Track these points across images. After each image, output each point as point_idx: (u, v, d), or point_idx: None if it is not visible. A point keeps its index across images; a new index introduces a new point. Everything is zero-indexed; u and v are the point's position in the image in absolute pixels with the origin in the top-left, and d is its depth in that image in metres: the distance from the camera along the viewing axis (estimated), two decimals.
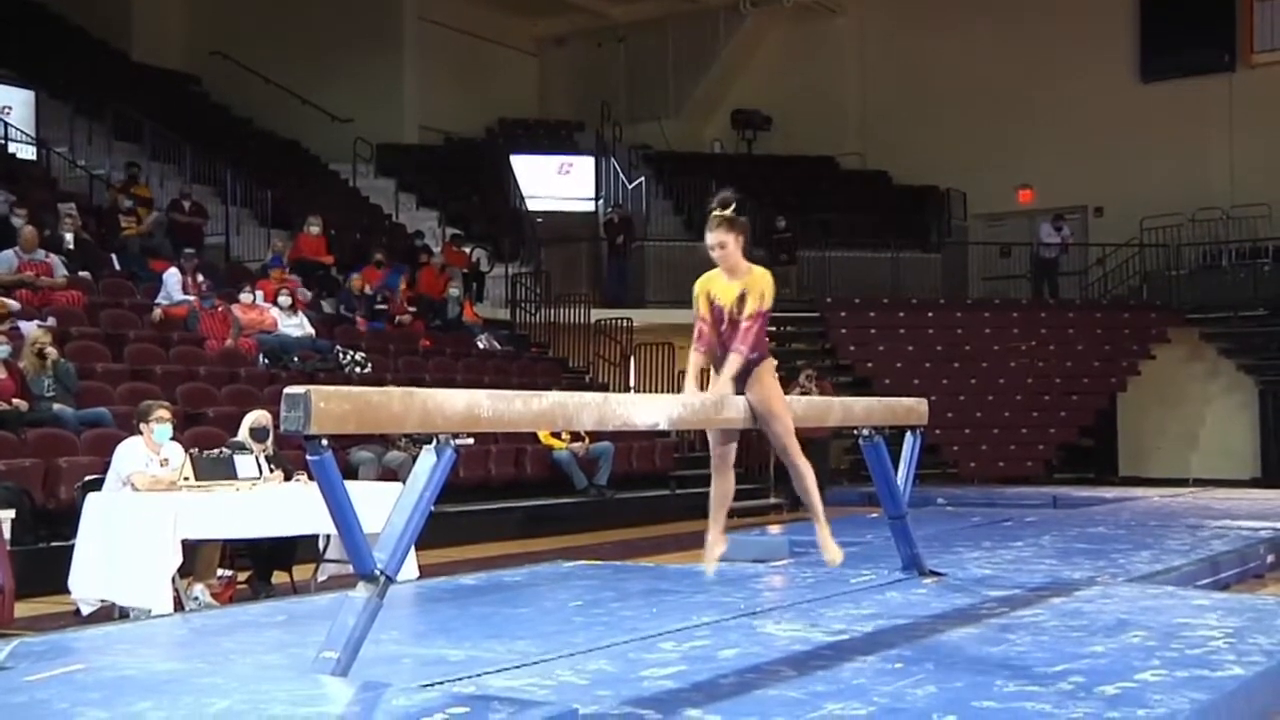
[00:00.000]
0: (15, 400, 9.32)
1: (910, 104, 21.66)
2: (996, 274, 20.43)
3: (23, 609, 6.94)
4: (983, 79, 21.00)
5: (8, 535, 6.87)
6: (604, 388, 16.38)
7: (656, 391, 17.09)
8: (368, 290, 15.13)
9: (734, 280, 5.13)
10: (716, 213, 5.05)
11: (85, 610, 6.92)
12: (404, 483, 4.17)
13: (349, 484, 3.99)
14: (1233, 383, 18.19)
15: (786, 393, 5.75)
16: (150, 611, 6.56)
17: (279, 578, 7.86)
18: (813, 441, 14.47)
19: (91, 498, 7.14)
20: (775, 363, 5.41)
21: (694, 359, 5.25)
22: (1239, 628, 5.11)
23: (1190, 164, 19.80)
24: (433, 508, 4.06)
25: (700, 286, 5.22)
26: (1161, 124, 20.08)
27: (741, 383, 5.18)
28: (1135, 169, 20.06)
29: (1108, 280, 19.91)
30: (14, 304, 10.81)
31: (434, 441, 4.01)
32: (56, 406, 9.54)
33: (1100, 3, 20.85)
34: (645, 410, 5.03)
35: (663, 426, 5.26)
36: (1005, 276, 20.40)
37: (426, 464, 4.00)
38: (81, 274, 12.58)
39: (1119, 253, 19.75)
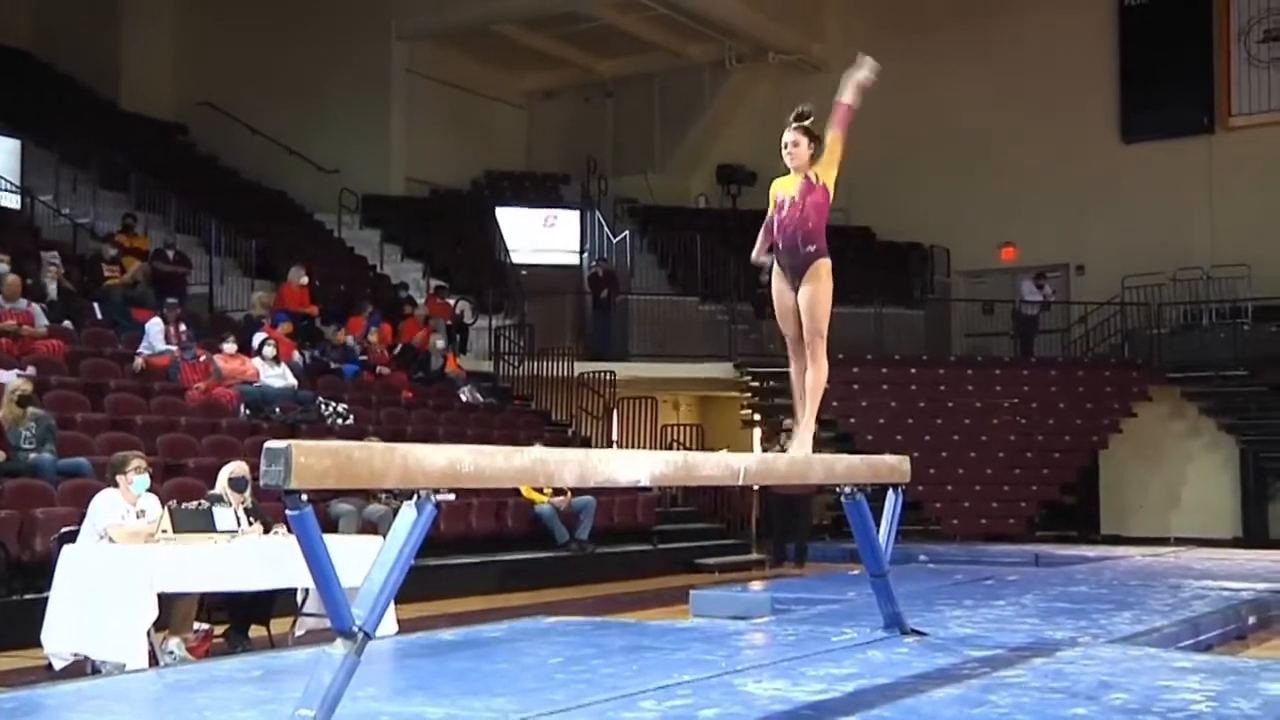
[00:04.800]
0: None
1: (894, 161, 21.75)
2: (979, 331, 20.51)
3: None
4: (966, 137, 21.18)
5: None
6: (586, 441, 16.34)
7: (639, 445, 17.06)
8: (349, 341, 15.16)
9: (799, 175, 5.82)
10: (795, 123, 5.72)
11: (58, 665, 6.83)
12: (384, 536, 4.14)
13: (328, 538, 3.96)
14: (1214, 442, 18.25)
15: (767, 449, 5.80)
16: (124, 666, 6.48)
17: (256, 632, 7.79)
18: (795, 498, 14.64)
19: (67, 550, 7.06)
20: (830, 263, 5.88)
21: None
22: (1221, 691, 5.09)
23: (1171, 224, 19.97)
24: (412, 561, 4.03)
25: (772, 189, 5.91)
26: (1143, 184, 20.27)
27: (799, 276, 5.78)
28: (1117, 228, 20.24)
29: (1089, 338, 20.01)
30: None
31: (414, 497, 3.99)
32: (33, 456, 9.47)
33: (1082, 62, 21.07)
34: (627, 467, 5.01)
35: (644, 483, 5.25)
36: (988, 333, 20.49)
37: (406, 520, 3.97)
38: (64, 324, 12.54)
39: (1100, 311, 19.86)
